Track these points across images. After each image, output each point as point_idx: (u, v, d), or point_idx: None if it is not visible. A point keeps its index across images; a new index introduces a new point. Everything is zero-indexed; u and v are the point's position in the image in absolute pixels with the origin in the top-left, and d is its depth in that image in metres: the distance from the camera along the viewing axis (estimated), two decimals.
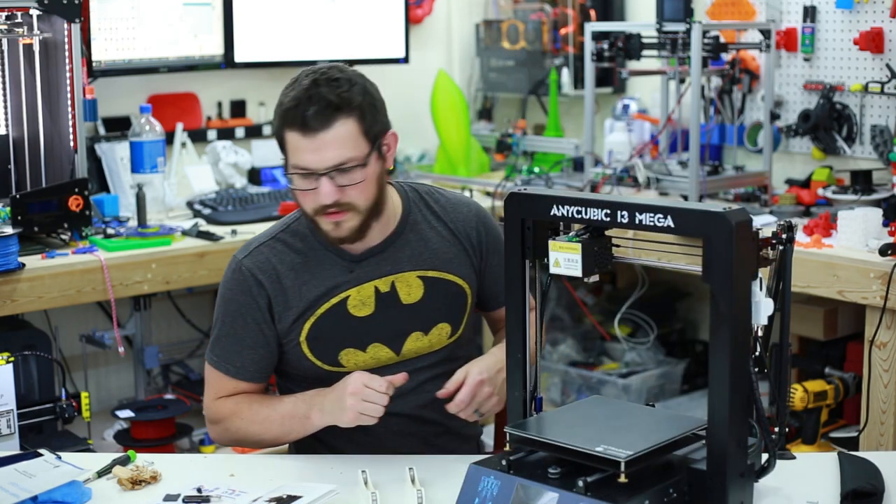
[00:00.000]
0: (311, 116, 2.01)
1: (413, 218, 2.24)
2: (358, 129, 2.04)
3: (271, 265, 2.18)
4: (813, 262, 2.99)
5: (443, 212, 2.27)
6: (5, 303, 2.96)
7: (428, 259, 2.22)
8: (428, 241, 2.23)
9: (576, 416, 1.91)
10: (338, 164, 2.03)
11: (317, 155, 2.03)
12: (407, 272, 2.20)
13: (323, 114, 2.01)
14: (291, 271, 2.17)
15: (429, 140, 4.54)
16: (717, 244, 1.61)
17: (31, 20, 3.24)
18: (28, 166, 3.34)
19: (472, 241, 2.27)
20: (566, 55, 4.41)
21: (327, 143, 2.02)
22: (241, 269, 2.19)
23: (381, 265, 2.19)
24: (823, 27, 3.72)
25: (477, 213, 2.30)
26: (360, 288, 2.18)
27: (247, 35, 3.98)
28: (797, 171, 3.84)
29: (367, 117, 2.05)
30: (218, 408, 2.21)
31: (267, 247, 2.20)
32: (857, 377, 3.26)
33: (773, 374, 1.75)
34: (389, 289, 2.19)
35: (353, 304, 2.18)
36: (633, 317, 4.15)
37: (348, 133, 2.03)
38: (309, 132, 2.02)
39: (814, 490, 1.85)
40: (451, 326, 2.24)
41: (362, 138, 2.05)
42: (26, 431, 2.72)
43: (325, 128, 2.02)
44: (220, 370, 2.21)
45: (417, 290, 2.20)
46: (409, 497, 1.84)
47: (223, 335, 2.21)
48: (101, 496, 1.92)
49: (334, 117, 2.02)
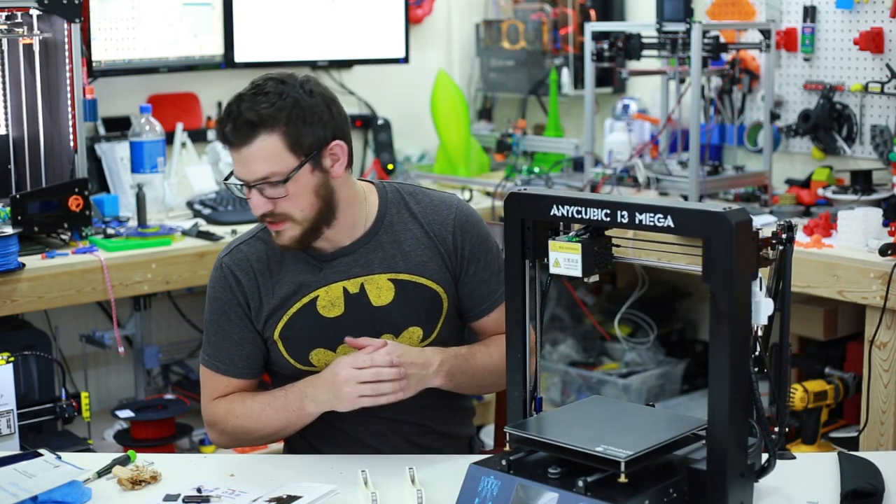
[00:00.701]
0: (230, 133, 2.06)
1: (388, 220, 2.23)
2: (281, 144, 2.05)
3: (248, 263, 2.21)
4: (813, 262, 2.99)
5: (422, 214, 2.25)
6: (5, 303, 2.96)
7: (400, 262, 2.21)
8: (402, 243, 2.22)
9: (576, 416, 1.91)
10: (261, 178, 2.06)
11: (243, 167, 2.07)
12: (377, 274, 2.19)
13: (241, 131, 2.05)
14: (266, 269, 2.20)
15: (429, 140, 4.54)
16: (717, 244, 1.61)
17: (31, 20, 3.24)
18: (28, 166, 3.34)
19: (448, 245, 2.23)
20: (566, 55, 4.41)
21: (250, 157, 2.06)
22: (221, 266, 2.23)
23: (351, 266, 2.19)
24: (823, 27, 3.72)
25: (457, 216, 2.25)
26: (329, 288, 2.19)
27: (247, 35, 3.98)
28: (797, 171, 3.84)
29: (293, 132, 2.05)
30: (214, 409, 2.22)
31: (246, 245, 2.24)
32: (857, 377, 3.26)
33: (773, 374, 1.75)
34: (359, 290, 2.19)
35: (322, 305, 2.19)
36: (633, 317, 4.15)
37: (269, 149, 2.05)
38: (232, 147, 2.07)
39: (814, 490, 1.85)
40: (422, 330, 2.21)
41: (287, 153, 2.06)
42: (26, 431, 2.73)
43: (246, 144, 2.05)
44: (212, 369, 2.23)
45: (388, 292, 2.19)
46: (409, 497, 1.84)
47: (211, 334, 2.24)
48: (101, 496, 1.92)
49: (254, 134, 2.04)
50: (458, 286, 2.24)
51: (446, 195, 2.31)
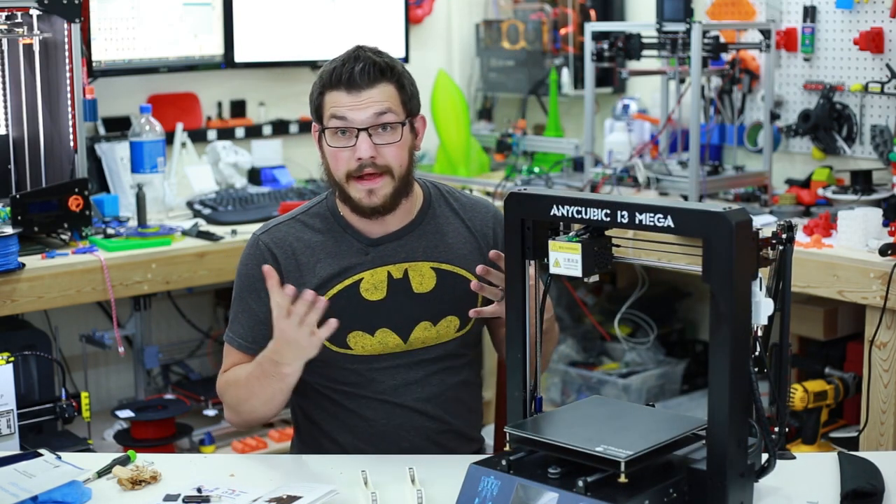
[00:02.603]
0: (358, 73, 2.12)
1: (433, 211, 2.29)
2: (398, 95, 2.16)
3: (288, 241, 2.24)
4: (813, 262, 2.99)
5: (462, 209, 2.32)
6: (5, 303, 2.96)
7: (443, 252, 2.26)
8: (445, 234, 2.27)
9: (576, 416, 1.91)
10: (380, 112, 2.12)
11: (359, 110, 2.13)
12: (421, 262, 2.24)
13: (370, 72, 2.12)
14: (308, 248, 2.23)
15: (429, 140, 4.53)
16: (717, 244, 1.61)
17: (31, 20, 3.24)
18: (28, 166, 3.34)
19: (489, 241, 2.30)
20: (566, 55, 4.41)
21: (371, 98, 2.13)
22: (257, 243, 2.25)
23: (397, 251, 2.23)
24: (823, 27, 3.72)
25: (495, 214, 2.34)
26: (374, 272, 2.22)
27: (247, 35, 3.98)
28: (797, 171, 3.84)
29: (406, 90, 2.18)
30: (221, 381, 2.25)
31: (286, 225, 2.27)
32: (857, 377, 3.26)
33: (773, 374, 1.75)
34: (402, 276, 2.23)
35: (365, 288, 2.21)
36: (633, 317, 4.15)
37: (391, 94, 2.15)
38: (354, 88, 2.12)
39: (814, 490, 1.85)
40: (459, 320, 2.25)
41: (401, 105, 2.16)
42: (26, 431, 2.73)
43: (370, 86, 2.13)
44: (234, 346, 2.25)
45: (430, 280, 2.23)
46: (409, 497, 1.84)
47: (239, 311, 2.25)
48: (101, 496, 1.92)
49: (379, 78, 2.13)
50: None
51: (477, 196, 2.42)
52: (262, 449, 3.59)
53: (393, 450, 2.20)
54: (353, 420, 2.24)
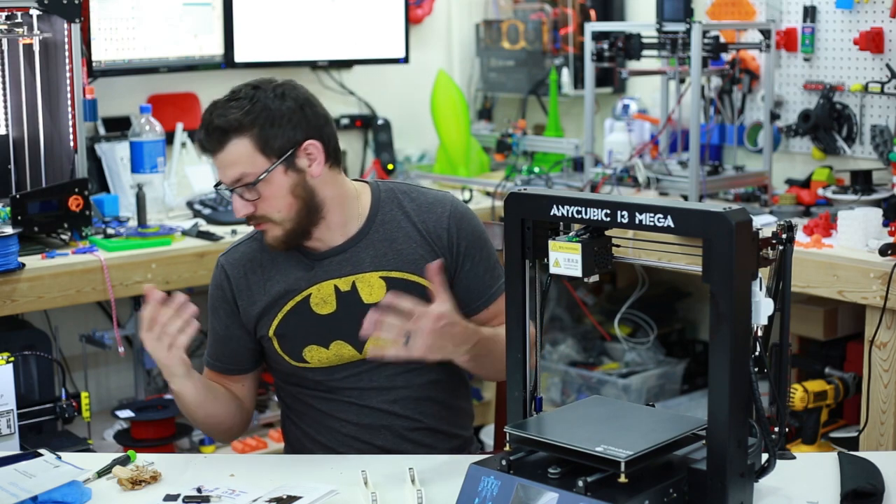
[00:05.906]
0: (205, 140, 2.16)
1: (380, 218, 2.26)
2: (251, 147, 2.12)
3: (242, 262, 2.29)
4: (813, 262, 2.99)
5: (416, 212, 2.27)
6: (5, 303, 2.95)
7: (392, 260, 2.23)
8: (394, 241, 2.24)
9: (576, 416, 1.92)
10: (234, 180, 2.15)
11: (221, 173, 2.17)
12: (369, 272, 2.23)
13: (213, 137, 2.14)
14: (260, 267, 2.27)
15: (429, 140, 4.54)
16: (717, 244, 1.61)
17: (31, 20, 3.24)
18: (28, 166, 3.34)
19: (443, 242, 2.25)
20: (566, 55, 4.41)
21: (224, 162, 2.15)
22: (218, 265, 2.32)
23: (342, 265, 2.23)
24: (823, 27, 3.72)
25: (451, 214, 2.27)
26: (320, 286, 2.23)
27: (247, 35, 3.98)
28: (797, 171, 3.84)
29: (262, 135, 2.12)
30: None
31: (244, 245, 2.32)
32: (857, 377, 3.26)
33: (773, 374, 1.75)
34: (350, 288, 2.22)
35: (315, 302, 2.23)
36: (633, 317, 4.15)
37: (240, 153, 2.13)
38: (208, 154, 2.17)
39: (814, 490, 1.85)
40: None
41: (259, 155, 2.13)
42: (26, 431, 2.72)
43: (219, 149, 2.14)
44: (205, 364, 2.34)
45: (379, 290, 2.21)
46: (409, 497, 1.84)
47: (208, 330, 2.34)
48: (101, 496, 1.92)
49: (225, 139, 2.13)
50: (454, 283, 2.25)
51: (441, 193, 2.34)
52: (262, 449, 3.59)
53: (367, 449, 2.23)
54: (328, 421, 2.28)
